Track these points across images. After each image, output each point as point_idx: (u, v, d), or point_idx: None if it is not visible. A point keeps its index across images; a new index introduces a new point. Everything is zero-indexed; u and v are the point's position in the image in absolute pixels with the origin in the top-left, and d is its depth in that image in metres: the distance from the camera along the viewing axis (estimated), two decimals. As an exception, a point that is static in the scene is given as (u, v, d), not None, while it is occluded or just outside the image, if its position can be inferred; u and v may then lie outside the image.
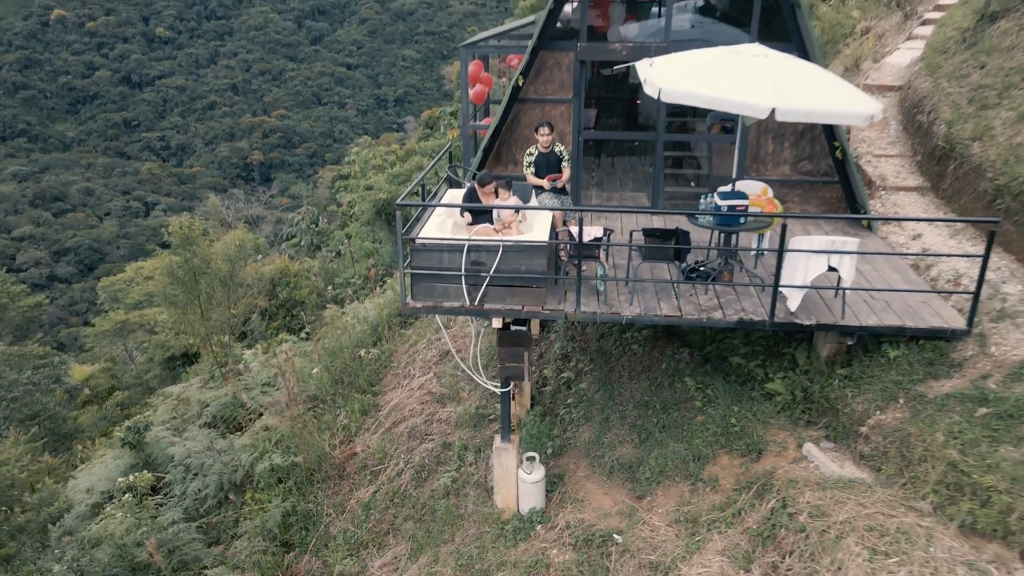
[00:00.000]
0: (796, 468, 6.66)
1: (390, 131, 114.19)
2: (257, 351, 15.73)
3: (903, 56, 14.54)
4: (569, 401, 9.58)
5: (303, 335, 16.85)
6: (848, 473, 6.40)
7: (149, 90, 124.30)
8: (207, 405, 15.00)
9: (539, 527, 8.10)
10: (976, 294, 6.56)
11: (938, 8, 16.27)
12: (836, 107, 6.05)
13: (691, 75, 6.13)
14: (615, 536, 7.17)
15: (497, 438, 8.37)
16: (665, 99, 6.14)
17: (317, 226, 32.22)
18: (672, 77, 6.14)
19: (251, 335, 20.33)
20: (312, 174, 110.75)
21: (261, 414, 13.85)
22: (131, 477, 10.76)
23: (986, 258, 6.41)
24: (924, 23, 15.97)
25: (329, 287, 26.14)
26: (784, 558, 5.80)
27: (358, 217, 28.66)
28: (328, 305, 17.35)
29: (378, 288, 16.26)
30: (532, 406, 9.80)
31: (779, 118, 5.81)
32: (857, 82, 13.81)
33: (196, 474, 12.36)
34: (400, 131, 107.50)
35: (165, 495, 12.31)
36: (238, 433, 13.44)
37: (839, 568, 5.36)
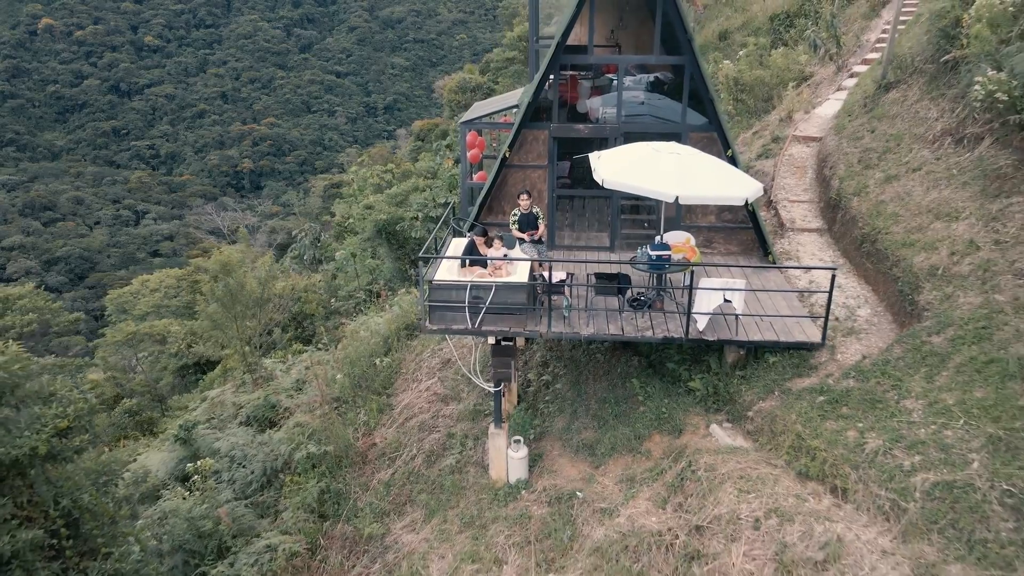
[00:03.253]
0: (703, 441, 9.62)
1: (380, 139, 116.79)
2: (286, 359, 18.52)
3: (831, 107, 17.60)
4: (547, 398, 12.51)
5: (320, 345, 19.65)
6: (737, 443, 9.36)
7: (138, 99, 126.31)
8: (241, 407, 17.84)
9: (523, 492, 11.01)
10: (825, 318, 9.54)
11: (865, 62, 19.32)
12: (722, 192, 9.00)
13: (623, 170, 9.08)
14: (578, 493, 10.10)
15: (491, 426, 11.30)
16: (607, 187, 9.11)
17: (319, 242, 34.98)
18: (611, 171, 9.09)
19: (272, 346, 23.08)
20: (302, 182, 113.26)
21: (291, 413, 16.70)
22: (198, 463, 13.57)
23: (830, 294, 9.38)
24: (852, 75, 19.01)
25: (332, 299, 28.90)
26: (687, 499, 8.73)
27: (357, 232, 31.42)
28: (342, 320, 20.14)
29: (387, 304, 19.10)
30: (518, 402, 12.69)
31: (682, 202, 8.78)
32: (787, 133, 16.85)
33: (241, 464, 15.18)
34: (391, 140, 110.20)
35: (215, 482, 15.08)
36: (272, 429, 16.26)
37: (718, 502, 8.30)
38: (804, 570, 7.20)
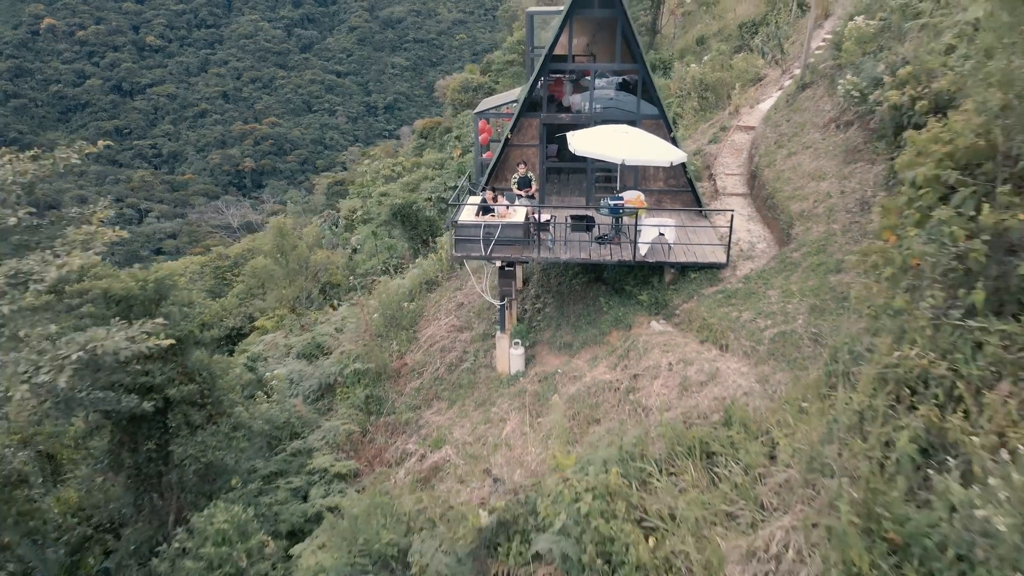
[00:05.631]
0: (645, 331, 14.41)
1: (381, 138, 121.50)
2: (329, 311, 23.34)
3: (770, 103, 22.41)
4: (539, 318, 17.32)
5: (353, 301, 24.45)
6: (667, 330, 14.15)
7: (140, 98, 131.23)
8: (292, 347, 22.64)
9: (521, 379, 15.78)
10: (728, 246, 14.34)
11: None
12: (655, 157, 13.81)
13: (589, 142, 13.89)
14: (558, 371, 14.89)
15: (498, 332, 16.07)
16: (576, 153, 13.94)
17: (337, 227, 39.80)
18: (580, 143, 13.91)
19: (310, 305, 27.95)
20: (303, 180, 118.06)
21: (334, 350, 21.47)
22: (273, 372, 18.34)
23: (731, 230, 14.18)
24: (792, 77, 23.82)
25: (351, 277, 33.63)
26: (629, 361, 13.52)
27: (373, 220, 36.16)
28: (376, 278, 24.94)
29: (410, 267, 23.91)
30: (518, 323, 17.47)
31: (626, 164, 13.60)
32: (733, 123, 21.68)
33: (298, 384, 19.96)
34: (392, 138, 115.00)
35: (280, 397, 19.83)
36: (321, 358, 21.04)
37: (649, 359, 13.08)
38: (695, 387, 11.97)
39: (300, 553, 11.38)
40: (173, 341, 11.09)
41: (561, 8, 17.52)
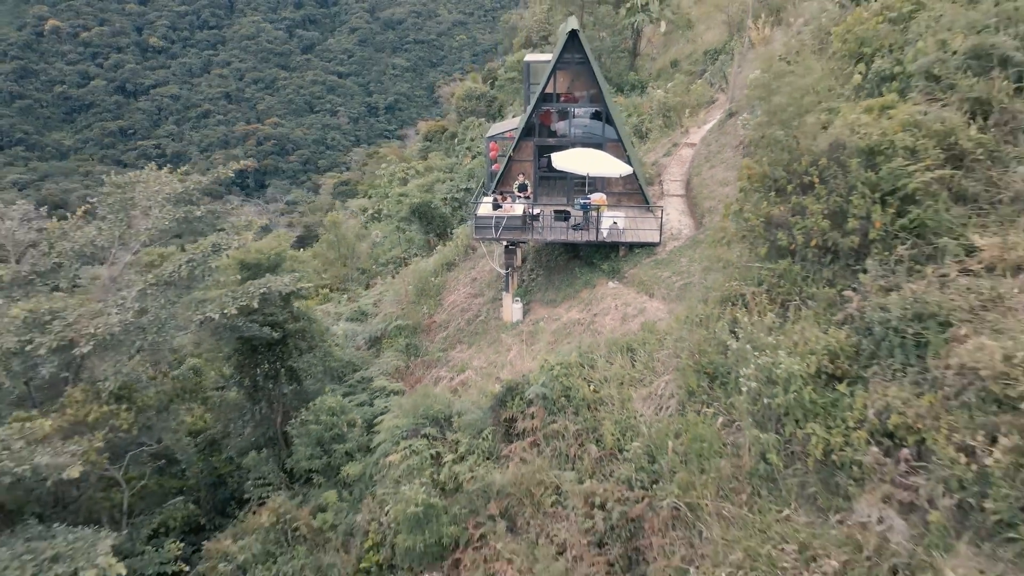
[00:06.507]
0: (603, 288, 22.17)
1: (382, 138, 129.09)
2: (363, 289, 31.10)
3: (711, 125, 30.19)
4: (533, 285, 25.09)
5: (389, 281, 32.19)
6: (618, 287, 21.92)
7: (144, 99, 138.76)
8: (341, 314, 30.42)
9: (520, 325, 23.52)
10: (660, 230, 22.12)
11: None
12: (610, 171, 21.58)
13: (565, 160, 21.65)
14: (545, 317, 22.64)
15: (504, 293, 23.85)
16: (557, 168, 21.73)
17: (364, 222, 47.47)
18: (559, 161, 21.67)
19: (351, 283, 35.74)
20: (306, 180, 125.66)
21: (376, 315, 29.23)
22: (339, 323, 26.05)
23: (661, 220, 21.95)
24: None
25: (373, 265, 41.27)
26: (592, 307, 21.28)
27: (391, 217, 43.76)
28: (408, 260, 32.75)
29: (433, 251, 31.70)
30: (518, 287, 25.20)
31: (591, 176, 21.38)
32: (680, 141, 29.46)
33: (352, 338, 27.71)
34: (393, 139, 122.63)
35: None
36: (367, 320, 28.78)
37: (604, 304, 20.85)
38: (630, 318, 19.71)
39: (380, 422, 19.10)
40: (311, 284, 18.76)
41: (550, 58, 25.36)
